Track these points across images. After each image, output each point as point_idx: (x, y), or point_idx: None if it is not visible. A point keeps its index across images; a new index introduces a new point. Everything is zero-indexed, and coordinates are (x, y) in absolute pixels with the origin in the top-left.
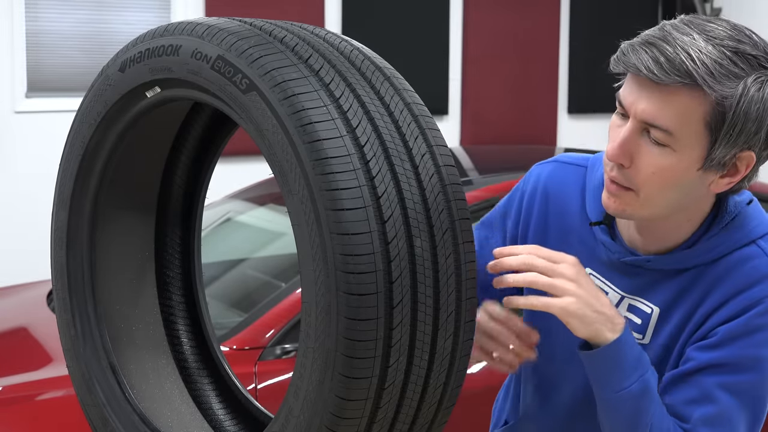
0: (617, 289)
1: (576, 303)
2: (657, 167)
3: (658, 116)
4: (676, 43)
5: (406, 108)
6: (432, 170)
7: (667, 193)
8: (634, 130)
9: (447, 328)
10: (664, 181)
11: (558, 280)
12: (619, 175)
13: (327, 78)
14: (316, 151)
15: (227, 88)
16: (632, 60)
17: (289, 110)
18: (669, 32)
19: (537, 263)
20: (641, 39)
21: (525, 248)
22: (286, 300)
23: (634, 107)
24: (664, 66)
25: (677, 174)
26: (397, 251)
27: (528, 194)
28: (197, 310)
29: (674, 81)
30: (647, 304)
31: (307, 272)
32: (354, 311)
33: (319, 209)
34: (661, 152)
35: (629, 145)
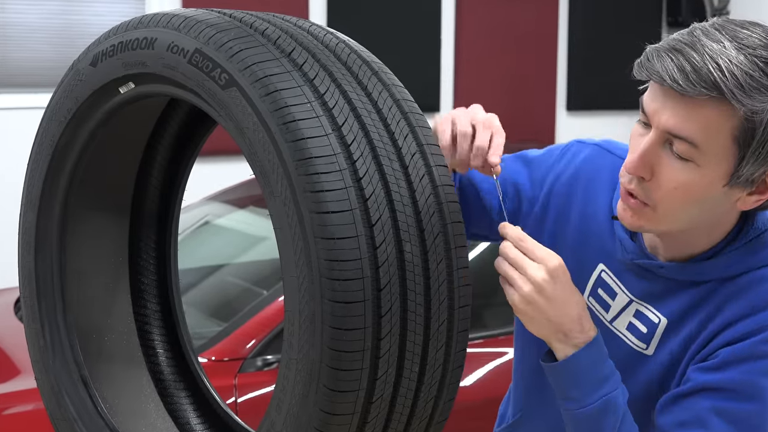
0: (627, 291)
1: (524, 305)
2: (679, 182)
3: (682, 128)
4: (705, 51)
5: (395, 104)
6: (423, 170)
7: (688, 209)
8: (656, 141)
9: (438, 338)
10: (685, 197)
11: (518, 276)
12: (637, 189)
13: (311, 73)
14: (299, 150)
15: (205, 83)
16: (656, 67)
17: (270, 107)
18: (698, 38)
19: (509, 252)
20: (668, 44)
21: (511, 234)
22: (267, 308)
23: (657, 117)
24: (690, 76)
25: (700, 190)
26: (385, 257)
27: (558, 174)
28: (174, 319)
29: (700, 93)
30: (655, 313)
31: (290, 279)
32: (340, 320)
33: (303, 212)
34: (683, 167)
35: (650, 157)
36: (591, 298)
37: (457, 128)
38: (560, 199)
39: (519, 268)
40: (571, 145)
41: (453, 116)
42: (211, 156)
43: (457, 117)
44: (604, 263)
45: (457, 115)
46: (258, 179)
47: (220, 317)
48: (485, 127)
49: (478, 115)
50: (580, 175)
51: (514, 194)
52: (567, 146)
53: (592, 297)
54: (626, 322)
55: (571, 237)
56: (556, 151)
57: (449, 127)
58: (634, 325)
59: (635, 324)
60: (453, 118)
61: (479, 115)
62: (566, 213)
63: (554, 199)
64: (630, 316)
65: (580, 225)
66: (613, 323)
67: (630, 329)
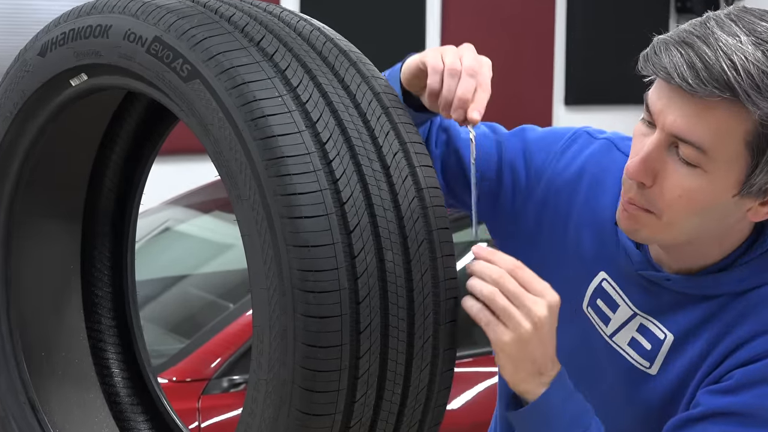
0: (631, 303)
1: (518, 345)
2: (684, 190)
3: (689, 131)
4: (718, 46)
5: (375, 98)
6: (406, 171)
7: (694, 219)
8: (661, 143)
9: (423, 356)
10: (691, 206)
11: (517, 312)
12: (638, 196)
13: (282, 63)
14: (269, 149)
15: (165, 75)
16: (663, 62)
17: (237, 101)
18: (711, 30)
19: (508, 285)
20: (678, 35)
21: (505, 261)
22: (234, 323)
23: (662, 117)
24: (701, 74)
25: (708, 199)
26: (364, 266)
27: (560, 169)
28: (130, 336)
29: (711, 93)
30: (661, 329)
31: (260, 291)
32: (314, 337)
33: (274, 217)
34: (690, 173)
35: (653, 162)
36: (589, 309)
37: (445, 65)
38: (560, 198)
39: (518, 303)
40: (578, 135)
41: (442, 52)
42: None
43: (446, 53)
44: (606, 271)
45: (447, 51)
46: (224, 181)
47: (181, 333)
48: (469, 75)
49: (466, 57)
50: (584, 173)
51: (510, 180)
52: (574, 135)
53: (590, 307)
54: (628, 338)
55: (570, 240)
56: (561, 139)
57: (439, 60)
58: (637, 341)
59: (638, 340)
60: (442, 53)
61: (467, 56)
62: (566, 213)
63: (553, 196)
64: (633, 330)
65: (581, 228)
66: (614, 338)
67: (632, 345)
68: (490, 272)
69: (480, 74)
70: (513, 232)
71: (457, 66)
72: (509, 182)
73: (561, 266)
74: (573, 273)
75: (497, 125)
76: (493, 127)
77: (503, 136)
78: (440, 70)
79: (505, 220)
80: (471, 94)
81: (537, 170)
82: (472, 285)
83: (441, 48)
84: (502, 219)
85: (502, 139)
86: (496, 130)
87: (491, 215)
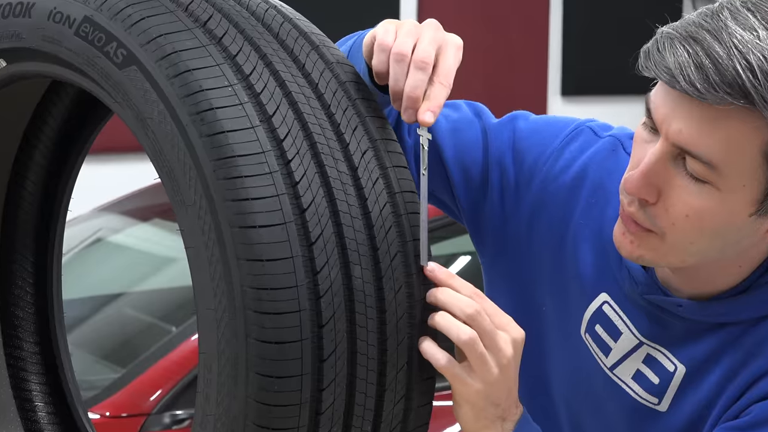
0: (636, 330)
1: (485, 392)
2: (692, 209)
3: (697, 143)
4: (732, 42)
5: (341, 88)
6: (377, 173)
7: (703, 241)
8: (665, 155)
9: (396, 388)
10: (700, 227)
11: (489, 358)
12: (639, 213)
13: (233, 48)
14: (218, 147)
15: (97, 61)
16: (667, 61)
17: (181, 91)
18: (725, 22)
19: (484, 324)
20: (684, 29)
21: (467, 288)
22: (177, 350)
23: (666, 125)
24: (711, 77)
25: (720, 219)
26: (328, 284)
27: (556, 171)
28: (56, 364)
29: (722, 100)
30: (671, 360)
31: (206, 312)
32: (270, 365)
33: (223, 226)
34: (699, 190)
35: (656, 176)
36: (587, 335)
37: (393, 45)
38: (556, 205)
39: (490, 344)
40: (581, 130)
41: (398, 26)
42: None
43: (401, 28)
44: (607, 293)
45: (403, 27)
46: (165, 184)
47: (116, 361)
48: (419, 68)
49: (423, 40)
50: (585, 177)
51: (498, 179)
52: (576, 130)
53: (588, 334)
54: (632, 370)
55: (567, 255)
56: (561, 134)
57: (389, 36)
58: (642, 374)
59: (644, 372)
60: (397, 28)
61: (425, 38)
62: (563, 223)
63: (548, 203)
64: (638, 362)
65: (580, 241)
66: (615, 370)
67: (637, 379)
68: (461, 306)
69: (440, 63)
70: (500, 243)
71: (404, 49)
72: (497, 182)
73: (555, 285)
74: (569, 293)
75: (482, 108)
76: (477, 110)
77: (490, 126)
78: (387, 49)
79: (491, 228)
80: (422, 90)
81: (529, 169)
82: (446, 325)
83: (399, 21)
84: (488, 226)
85: (489, 128)
86: (481, 114)
87: (475, 221)
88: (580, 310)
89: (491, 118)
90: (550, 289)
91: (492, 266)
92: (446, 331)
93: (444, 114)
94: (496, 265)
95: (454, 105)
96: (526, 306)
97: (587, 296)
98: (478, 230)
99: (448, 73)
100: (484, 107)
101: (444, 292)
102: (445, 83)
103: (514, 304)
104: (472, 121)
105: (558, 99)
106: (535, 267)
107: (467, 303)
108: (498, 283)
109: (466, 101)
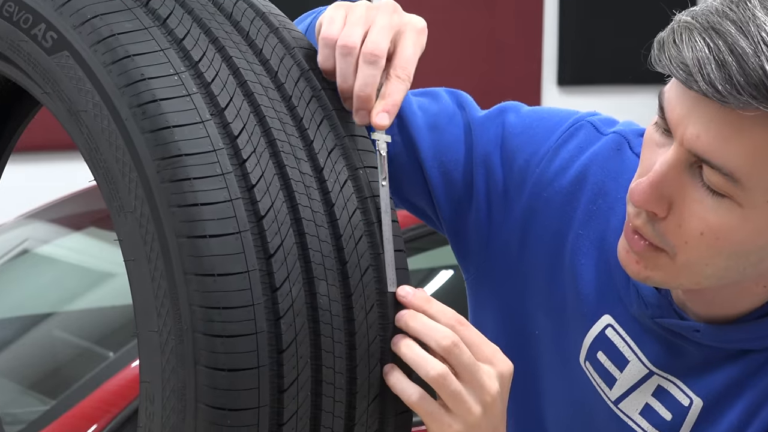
0: (645, 358)
1: None
2: (709, 227)
3: (716, 152)
4: (761, 37)
5: (303, 77)
6: (345, 174)
7: (720, 262)
8: (679, 162)
9: (368, 423)
10: (717, 247)
11: (468, 396)
12: (647, 228)
13: (180, 30)
14: (162, 145)
15: (23, 45)
16: (684, 55)
17: (120, 81)
18: (753, 12)
19: (463, 357)
20: (705, 17)
21: (447, 315)
22: (115, 378)
23: (682, 129)
24: (735, 78)
25: (740, 239)
26: (289, 302)
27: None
28: None
29: (747, 105)
30: (685, 393)
31: (149, 335)
32: (222, 396)
33: (168, 236)
34: (717, 205)
35: (668, 186)
36: (587, 364)
37: (340, 36)
38: (551, 212)
39: (469, 378)
40: (580, 126)
41: (347, 10)
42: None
43: (351, 13)
44: (611, 315)
45: (352, 11)
46: (101, 187)
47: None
48: (369, 63)
49: (376, 25)
50: (585, 181)
51: (484, 183)
52: (574, 125)
53: (588, 362)
54: (641, 404)
55: (564, 270)
56: (557, 129)
57: (333, 26)
58: (652, 409)
59: (654, 407)
60: (347, 13)
61: (378, 23)
62: (560, 234)
63: (542, 210)
64: (647, 394)
65: (580, 255)
66: (620, 405)
67: (646, 414)
68: (436, 338)
69: (397, 53)
70: (487, 257)
71: (351, 41)
72: (482, 186)
73: (550, 306)
74: (566, 315)
75: (466, 97)
76: (460, 100)
77: (475, 120)
78: (332, 43)
79: (476, 240)
80: (373, 88)
81: (520, 172)
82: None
83: (349, 4)
84: (472, 238)
85: (474, 122)
86: (464, 105)
87: (458, 232)
88: (579, 334)
89: (476, 110)
90: (545, 311)
91: (477, 284)
92: (413, 366)
93: (421, 105)
94: (482, 283)
95: (433, 94)
96: (518, 330)
97: (588, 319)
98: (461, 242)
99: (406, 65)
100: (467, 97)
101: (416, 319)
102: (402, 76)
103: (503, 327)
104: (453, 114)
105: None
106: (528, 285)
107: (443, 334)
108: (484, 303)
109: (446, 89)
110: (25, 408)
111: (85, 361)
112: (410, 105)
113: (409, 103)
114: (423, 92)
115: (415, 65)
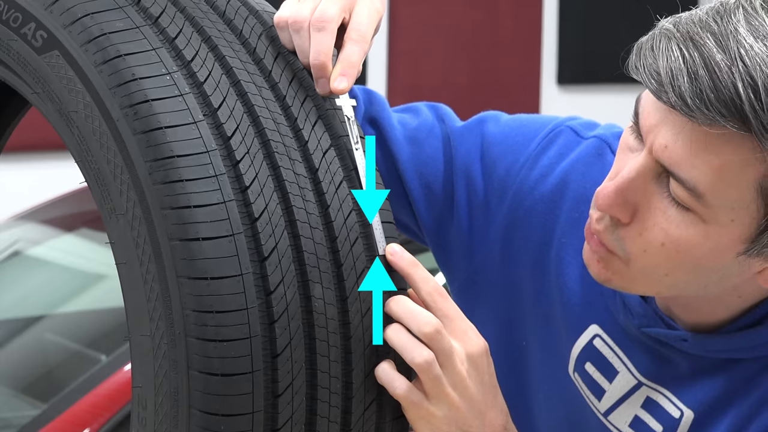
0: (634, 368)
1: (443, 421)
2: (670, 238)
3: (683, 164)
4: (738, 53)
5: (297, 76)
6: (340, 176)
7: (680, 275)
8: (647, 170)
9: (364, 428)
10: (678, 260)
11: (446, 379)
12: (607, 233)
13: (172, 29)
14: (154, 146)
15: (12, 44)
16: (658, 63)
17: (111, 81)
18: (735, 26)
19: (443, 343)
20: (687, 26)
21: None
22: (107, 382)
23: (652, 137)
24: (705, 92)
25: (700, 254)
26: (284, 306)
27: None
28: None
29: (713, 121)
30: (675, 404)
31: (141, 339)
32: (216, 402)
33: (160, 239)
34: (681, 217)
35: (633, 193)
36: (576, 375)
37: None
38: (534, 221)
39: (445, 360)
40: (559, 131)
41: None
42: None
43: None
44: (599, 325)
45: None
46: (92, 189)
47: (36, 395)
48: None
49: None
50: (566, 188)
51: (465, 194)
52: (553, 131)
53: (577, 373)
54: (630, 416)
55: (549, 279)
56: (536, 137)
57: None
58: (642, 421)
59: (644, 419)
60: None
61: None
62: (543, 242)
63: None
64: (636, 407)
65: (564, 263)
66: (609, 417)
67: (636, 427)
68: (419, 324)
69: (352, 19)
70: (470, 269)
71: (301, 15)
72: (463, 197)
73: (536, 316)
74: (553, 326)
75: (446, 110)
76: (440, 113)
77: (454, 131)
78: (286, 25)
79: (459, 252)
80: (327, 54)
81: (500, 182)
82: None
83: None
84: (455, 250)
85: (453, 133)
86: (444, 118)
87: (441, 244)
88: (567, 345)
89: (455, 121)
90: (532, 322)
91: (464, 294)
92: (399, 350)
93: (401, 120)
94: (468, 294)
95: (413, 109)
96: (506, 342)
97: (575, 329)
98: (444, 254)
99: (359, 27)
100: (448, 109)
101: (399, 303)
102: (356, 38)
103: (491, 339)
104: (432, 127)
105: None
106: (514, 296)
107: (426, 320)
108: (471, 313)
109: (427, 103)
110: (16, 412)
111: (77, 365)
112: (390, 120)
113: (388, 118)
114: (404, 108)
115: (371, 28)
